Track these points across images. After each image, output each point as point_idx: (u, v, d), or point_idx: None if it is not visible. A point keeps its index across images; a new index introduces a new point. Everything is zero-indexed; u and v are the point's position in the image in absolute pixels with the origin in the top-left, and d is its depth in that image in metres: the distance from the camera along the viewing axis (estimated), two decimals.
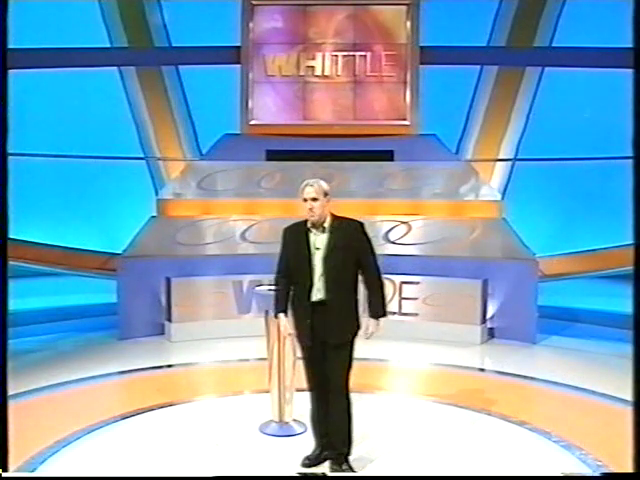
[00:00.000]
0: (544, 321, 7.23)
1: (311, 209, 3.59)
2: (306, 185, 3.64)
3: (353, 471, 3.66)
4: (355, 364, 3.65)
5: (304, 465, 3.79)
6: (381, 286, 3.69)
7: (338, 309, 3.60)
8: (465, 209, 8.04)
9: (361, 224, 3.68)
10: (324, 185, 3.67)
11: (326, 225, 3.64)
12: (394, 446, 4.00)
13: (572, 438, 4.21)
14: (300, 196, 3.64)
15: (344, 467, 3.67)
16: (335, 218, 3.68)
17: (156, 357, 6.34)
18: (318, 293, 3.60)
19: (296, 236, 3.68)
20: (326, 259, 3.58)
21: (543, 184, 9.85)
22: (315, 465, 3.78)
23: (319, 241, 3.62)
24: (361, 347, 3.77)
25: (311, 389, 3.78)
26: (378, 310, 3.68)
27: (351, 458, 3.72)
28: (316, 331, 3.61)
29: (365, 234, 3.66)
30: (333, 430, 3.70)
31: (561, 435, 4.27)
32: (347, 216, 3.74)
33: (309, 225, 3.65)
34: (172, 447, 4.09)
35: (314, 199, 3.59)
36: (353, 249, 3.62)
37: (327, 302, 3.59)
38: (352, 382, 3.66)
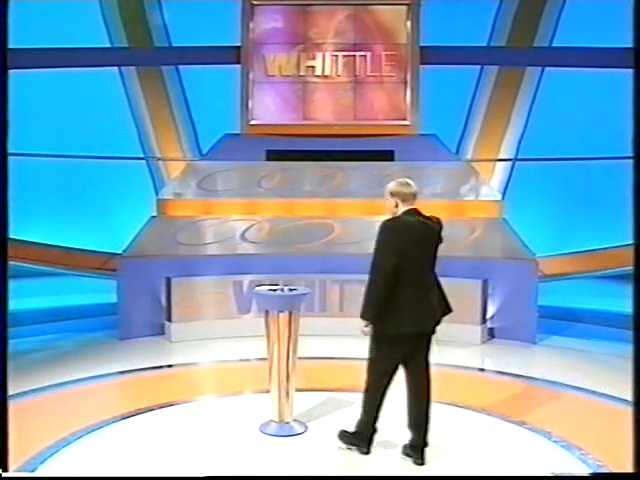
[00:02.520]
0: (544, 321, 7.22)
1: None
2: None
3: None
4: (354, 363, 3.64)
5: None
6: (368, 285, 3.68)
7: None
8: (465, 209, 8.04)
9: (382, 224, 3.72)
10: (389, 185, 3.78)
11: None
12: (394, 446, 4.00)
13: (572, 438, 4.20)
14: None
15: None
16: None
17: (156, 357, 6.33)
18: None
19: None
20: None
21: (543, 184, 9.84)
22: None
23: None
24: (361, 346, 3.79)
25: None
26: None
27: (350, 458, 3.72)
28: None
29: (379, 234, 3.69)
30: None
31: (561, 435, 4.27)
32: (397, 214, 3.73)
33: None
34: (172, 447, 4.09)
35: None
36: None
37: None
38: (351, 382, 3.65)
